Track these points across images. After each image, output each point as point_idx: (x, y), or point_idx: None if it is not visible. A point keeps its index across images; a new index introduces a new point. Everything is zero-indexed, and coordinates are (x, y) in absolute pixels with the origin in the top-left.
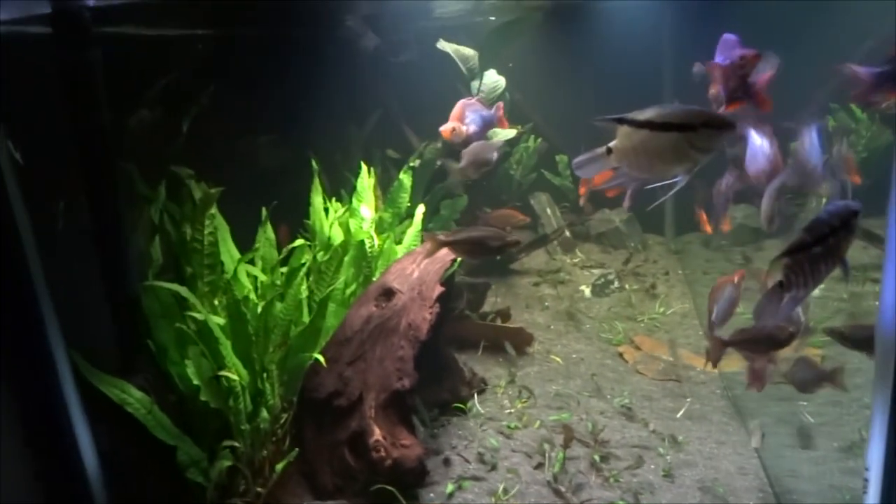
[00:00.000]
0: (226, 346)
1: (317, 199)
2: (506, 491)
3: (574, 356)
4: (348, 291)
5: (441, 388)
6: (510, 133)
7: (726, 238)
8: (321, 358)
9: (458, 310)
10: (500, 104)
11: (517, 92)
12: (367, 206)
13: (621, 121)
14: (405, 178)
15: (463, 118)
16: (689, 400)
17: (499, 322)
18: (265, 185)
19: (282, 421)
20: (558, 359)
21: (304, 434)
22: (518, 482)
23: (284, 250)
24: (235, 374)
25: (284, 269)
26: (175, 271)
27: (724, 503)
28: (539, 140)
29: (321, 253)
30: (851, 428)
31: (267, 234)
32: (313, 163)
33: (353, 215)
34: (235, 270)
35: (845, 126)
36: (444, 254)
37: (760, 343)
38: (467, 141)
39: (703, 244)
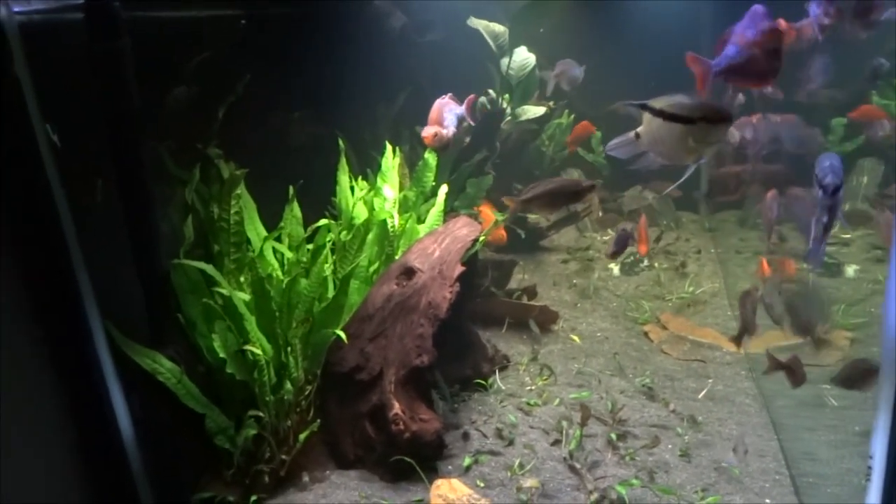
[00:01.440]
0: (250, 322)
1: (343, 177)
2: (521, 466)
3: (599, 335)
4: (371, 269)
5: (463, 365)
6: (539, 110)
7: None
8: (343, 334)
9: (483, 287)
10: (471, 97)
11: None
12: (390, 185)
13: (643, 107)
14: (430, 158)
15: (442, 120)
16: (711, 381)
17: (525, 300)
18: (295, 162)
19: (306, 393)
20: (577, 338)
21: (327, 406)
22: (534, 457)
23: (310, 228)
24: (259, 348)
25: (311, 246)
26: (204, 249)
27: (740, 483)
28: (573, 116)
29: (345, 232)
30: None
31: (294, 212)
32: (340, 141)
33: (378, 194)
34: (261, 248)
35: None
36: (466, 233)
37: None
38: (447, 144)
39: (739, 223)
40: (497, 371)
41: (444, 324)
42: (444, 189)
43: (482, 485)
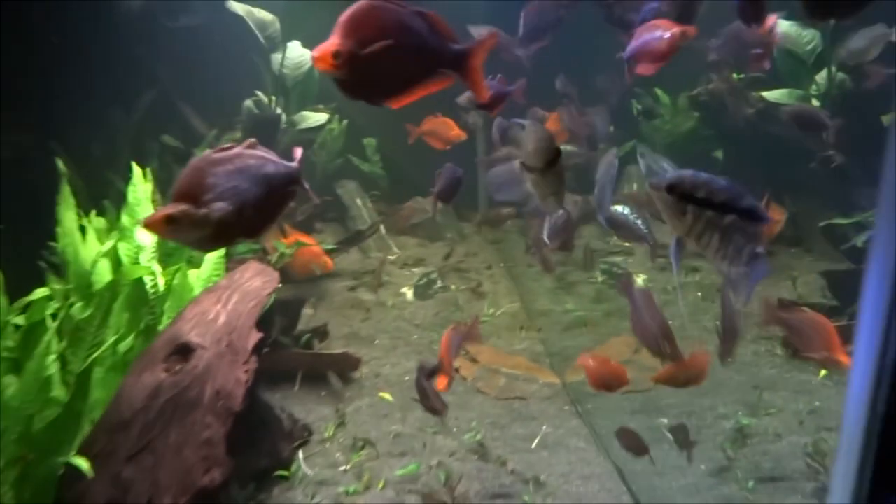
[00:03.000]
0: None
1: (68, 215)
2: None
3: (407, 378)
4: (123, 350)
5: (257, 453)
6: (321, 117)
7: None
8: (84, 463)
9: (269, 339)
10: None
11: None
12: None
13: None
14: None
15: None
16: (538, 423)
17: (316, 343)
18: None
19: None
20: (388, 396)
21: None
22: None
23: (18, 304)
24: None
25: (19, 321)
26: None
27: None
28: (345, 122)
29: (77, 299)
30: (713, 444)
31: None
32: (59, 163)
33: (125, 239)
34: None
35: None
36: (260, 286)
37: None
38: None
39: (521, 233)
40: (299, 450)
41: (237, 419)
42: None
43: None
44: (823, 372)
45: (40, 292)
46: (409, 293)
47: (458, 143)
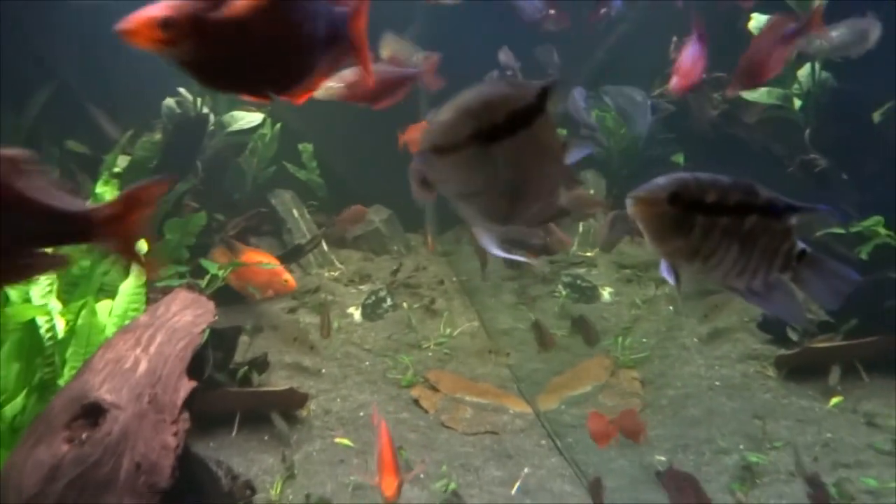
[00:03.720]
0: None
1: None
2: None
3: (362, 414)
4: (9, 413)
5: None
6: (255, 118)
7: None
8: None
9: (202, 377)
10: None
11: None
12: None
13: None
14: (105, 194)
15: None
16: (515, 462)
17: (255, 377)
18: None
19: None
20: (346, 441)
21: None
22: None
23: None
24: None
25: None
26: None
27: None
28: (278, 125)
29: None
30: (717, 484)
31: None
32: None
33: None
34: None
35: None
36: (191, 321)
37: None
38: None
39: (470, 242)
40: None
41: (165, 498)
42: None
43: None
44: (835, 399)
45: None
46: (356, 314)
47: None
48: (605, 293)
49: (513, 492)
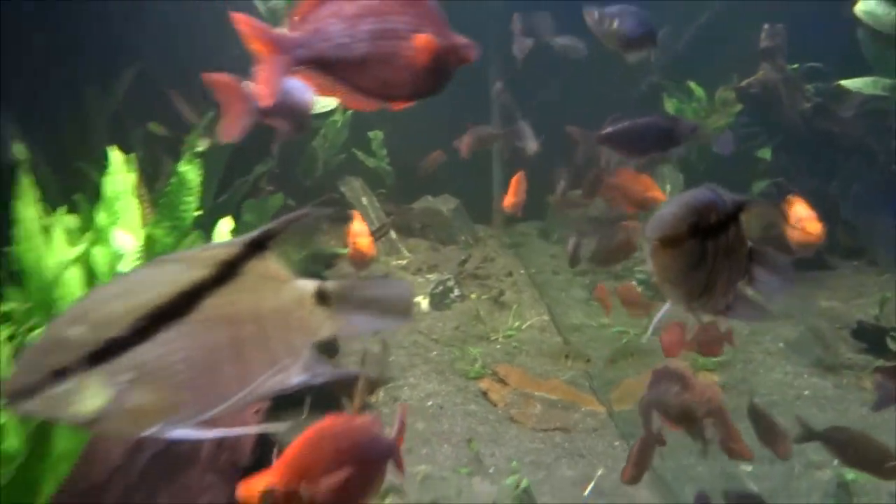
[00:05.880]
0: None
1: (27, 212)
2: None
3: (430, 404)
4: None
5: None
6: (329, 102)
7: (567, 229)
8: None
9: None
10: None
11: None
12: (125, 226)
13: None
14: (189, 172)
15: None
16: (593, 466)
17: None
18: None
19: None
20: (420, 426)
21: None
22: None
23: None
24: None
25: None
26: None
27: None
28: (349, 112)
29: (40, 324)
30: (808, 501)
31: None
32: (19, 149)
33: (102, 242)
34: None
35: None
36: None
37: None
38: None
39: (542, 236)
40: None
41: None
42: (226, 224)
43: None
44: None
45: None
46: (424, 303)
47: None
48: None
49: (585, 493)
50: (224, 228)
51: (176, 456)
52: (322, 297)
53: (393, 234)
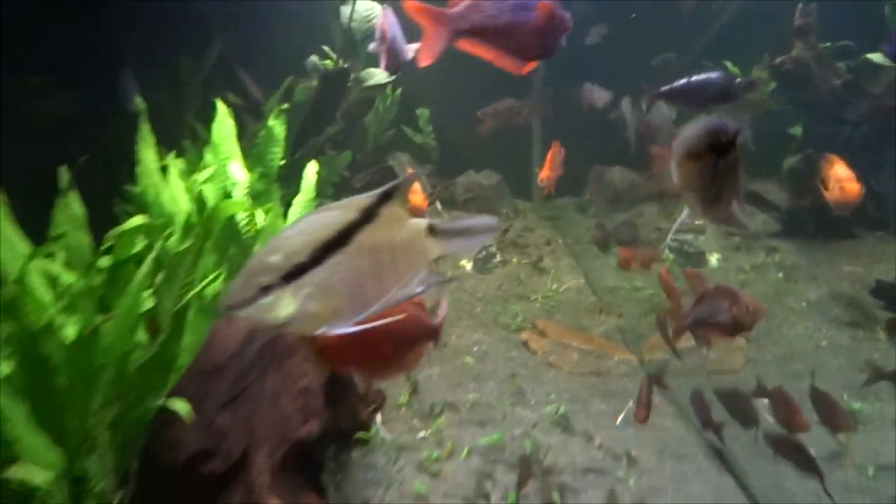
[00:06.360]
0: (14, 420)
1: (147, 154)
2: None
3: (476, 349)
4: (210, 292)
5: (336, 413)
6: (387, 75)
7: (602, 204)
8: (182, 406)
9: None
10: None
11: None
12: (238, 162)
13: None
14: (276, 126)
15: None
16: (624, 402)
17: None
18: (47, 142)
19: None
20: (469, 359)
21: None
22: None
23: (111, 235)
24: (37, 466)
25: (106, 263)
26: None
27: None
28: (398, 90)
29: (173, 237)
30: (821, 428)
31: (71, 209)
32: (137, 101)
33: (213, 178)
34: (24, 277)
35: None
36: None
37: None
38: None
39: (578, 209)
40: (376, 414)
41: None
42: (313, 167)
43: None
44: None
45: (134, 221)
46: (468, 266)
47: (515, 126)
48: (713, 259)
49: (617, 422)
50: (311, 170)
51: (280, 347)
52: (431, 231)
53: (438, 206)
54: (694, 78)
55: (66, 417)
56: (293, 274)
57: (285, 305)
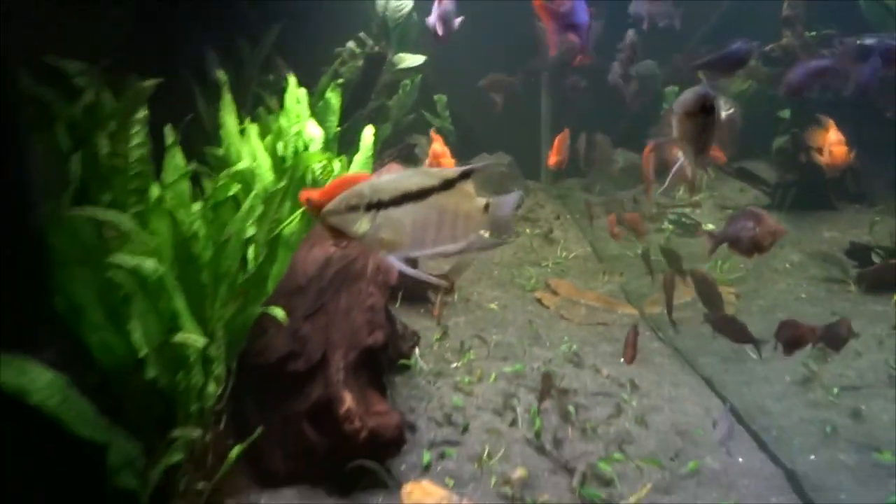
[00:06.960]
0: (179, 301)
1: (229, 119)
2: (490, 455)
3: (495, 304)
4: (288, 232)
5: None
6: (418, 59)
7: (607, 183)
8: (280, 312)
9: None
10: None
11: None
12: (313, 121)
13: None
14: (332, 97)
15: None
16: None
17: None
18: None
19: (218, 394)
20: (493, 305)
21: (246, 410)
22: (497, 443)
23: (219, 180)
24: (193, 337)
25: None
26: (86, 202)
27: (707, 446)
28: (419, 77)
29: (268, 182)
30: (795, 360)
31: (176, 160)
32: (221, 74)
33: (283, 138)
34: (180, 191)
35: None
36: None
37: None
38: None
39: (585, 189)
40: (414, 349)
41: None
42: (370, 130)
43: (451, 483)
44: None
45: (242, 164)
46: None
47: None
48: (708, 228)
49: (621, 360)
50: (368, 133)
51: (352, 272)
52: (486, 207)
53: None
54: (725, 49)
55: (205, 307)
56: (374, 205)
57: (361, 225)
